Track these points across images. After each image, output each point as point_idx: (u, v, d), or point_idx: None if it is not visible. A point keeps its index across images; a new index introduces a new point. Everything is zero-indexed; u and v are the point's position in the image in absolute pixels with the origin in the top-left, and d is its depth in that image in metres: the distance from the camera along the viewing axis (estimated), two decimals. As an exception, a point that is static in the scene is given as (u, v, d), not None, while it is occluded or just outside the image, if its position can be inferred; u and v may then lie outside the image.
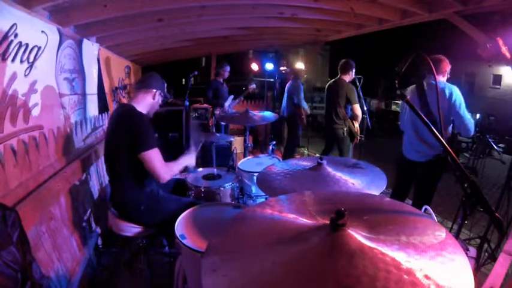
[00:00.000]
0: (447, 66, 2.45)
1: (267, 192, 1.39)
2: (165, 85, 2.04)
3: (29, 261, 1.23)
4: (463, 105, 2.34)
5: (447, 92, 2.33)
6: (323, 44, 6.12)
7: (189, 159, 2.04)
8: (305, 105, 4.87)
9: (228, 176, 2.35)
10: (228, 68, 4.82)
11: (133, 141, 1.71)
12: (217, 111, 4.62)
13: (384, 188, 1.29)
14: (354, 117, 3.75)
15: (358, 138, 3.81)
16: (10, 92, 1.50)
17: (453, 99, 2.31)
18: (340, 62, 3.81)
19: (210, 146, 2.79)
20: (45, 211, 1.80)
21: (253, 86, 5.16)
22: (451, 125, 2.40)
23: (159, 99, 1.98)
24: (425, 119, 0.98)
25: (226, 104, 4.74)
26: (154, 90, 1.92)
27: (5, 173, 1.48)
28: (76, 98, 2.50)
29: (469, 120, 2.36)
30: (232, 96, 4.87)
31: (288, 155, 4.94)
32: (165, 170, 1.76)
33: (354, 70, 3.74)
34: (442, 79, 2.45)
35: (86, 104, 2.75)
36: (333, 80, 3.88)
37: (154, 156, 1.72)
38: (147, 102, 1.91)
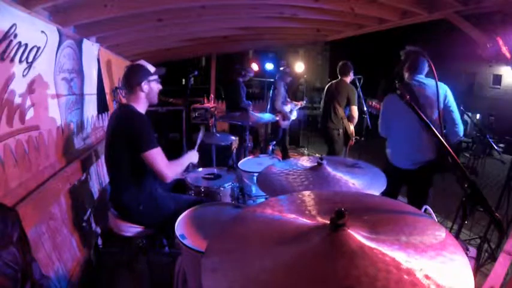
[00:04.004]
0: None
1: (267, 192, 1.39)
2: (147, 69, 1.87)
3: (29, 261, 1.22)
4: (455, 104, 2.23)
5: (441, 92, 2.17)
6: (323, 44, 6.13)
7: (192, 157, 2.03)
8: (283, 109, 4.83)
9: (228, 175, 2.35)
10: (252, 73, 4.64)
11: (135, 142, 1.71)
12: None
13: (385, 187, 1.29)
14: (350, 118, 3.80)
15: (353, 139, 3.84)
16: (7, 92, 1.50)
17: (447, 99, 2.21)
18: (338, 65, 3.86)
19: (210, 146, 2.79)
20: (45, 211, 1.80)
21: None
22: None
23: (151, 87, 1.87)
24: (424, 118, 0.98)
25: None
26: (141, 84, 1.83)
27: (5, 173, 1.48)
28: (75, 98, 2.49)
29: (460, 119, 2.25)
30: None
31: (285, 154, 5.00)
32: (169, 168, 1.76)
33: (352, 71, 3.81)
34: (424, 77, 2.27)
35: (86, 104, 2.75)
36: (334, 81, 3.94)
37: (157, 155, 1.72)
38: (142, 98, 1.87)
